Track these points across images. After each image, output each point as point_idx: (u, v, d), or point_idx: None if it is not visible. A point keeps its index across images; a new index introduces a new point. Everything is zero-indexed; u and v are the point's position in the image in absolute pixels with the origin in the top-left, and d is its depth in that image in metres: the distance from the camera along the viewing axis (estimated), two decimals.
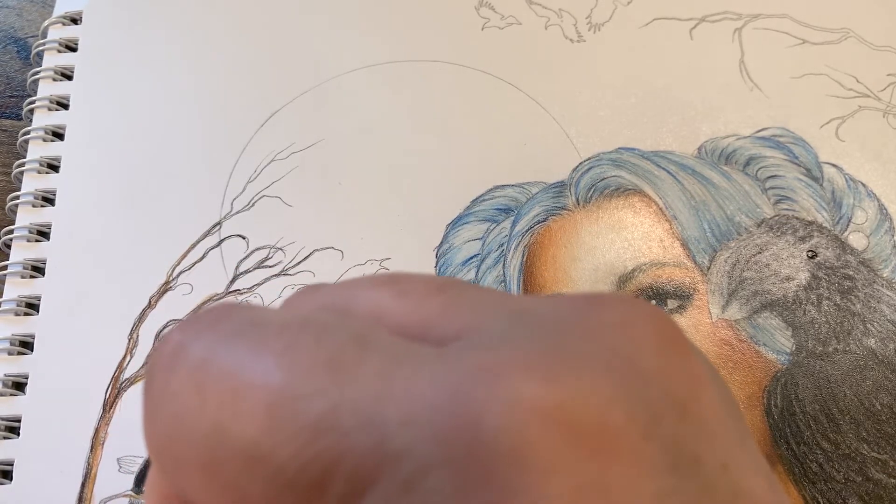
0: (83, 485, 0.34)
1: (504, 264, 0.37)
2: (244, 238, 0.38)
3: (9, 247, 0.38)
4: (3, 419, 0.35)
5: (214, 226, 0.38)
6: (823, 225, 0.37)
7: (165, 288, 0.37)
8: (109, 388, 0.35)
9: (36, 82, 0.42)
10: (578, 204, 0.37)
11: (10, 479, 0.34)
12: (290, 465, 0.10)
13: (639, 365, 0.11)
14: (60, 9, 0.44)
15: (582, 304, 0.12)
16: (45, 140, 0.40)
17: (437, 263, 0.37)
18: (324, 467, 0.10)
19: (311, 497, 0.10)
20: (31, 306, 0.37)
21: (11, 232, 0.38)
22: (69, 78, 0.42)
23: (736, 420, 0.12)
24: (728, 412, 0.12)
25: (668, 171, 0.38)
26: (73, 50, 0.42)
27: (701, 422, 0.11)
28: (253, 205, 0.38)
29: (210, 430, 0.11)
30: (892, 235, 0.37)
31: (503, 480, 0.09)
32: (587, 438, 0.10)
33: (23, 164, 0.40)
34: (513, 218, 0.38)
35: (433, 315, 0.12)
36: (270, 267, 0.37)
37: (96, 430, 0.35)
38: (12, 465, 0.34)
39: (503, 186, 0.38)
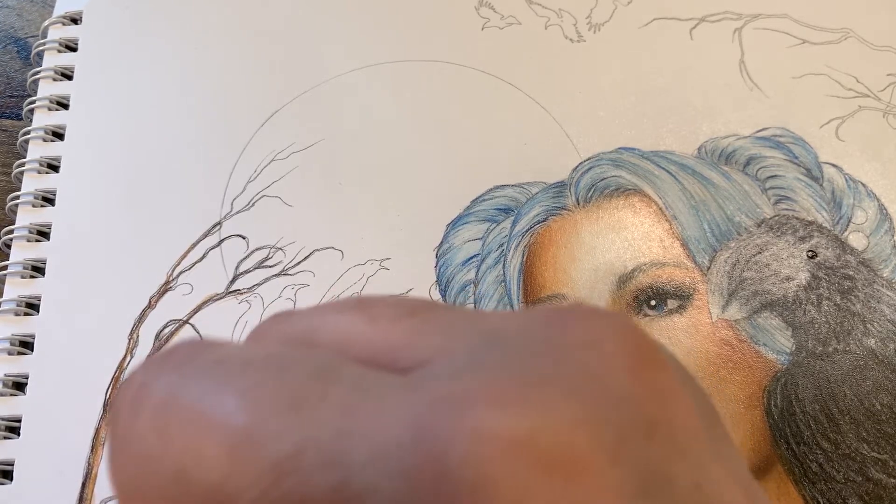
0: (83, 485, 0.34)
1: (504, 264, 0.37)
2: (244, 238, 0.38)
3: (9, 247, 0.38)
4: (3, 419, 0.35)
5: (214, 226, 0.38)
6: (823, 225, 0.37)
7: (165, 288, 0.37)
8: (109, 388, 0.35)
9: (36, 82, 0.42)
10: (578, 204, 0.37)
11: (10, 479, 0.34)
12: None
13: (607, 385, 0.11)
14: (60, 9, 0.44)
15: (552, 322, 0.12)
16: (45, 140, 0.40)
17: (437, 263, 0.37)
18: None
19: None
20: (31, 306, 0.37)
21: (11, 232, 0.38)
22: (69, 78, 0.42)
23: (712, 429, 0.12)
24: (704, 424, 0.12)
25: (668, 171, 0.38)
26: (73, 50, 0.42)
27: (672, 440, 0.11)
28: (253, 205, 0.38)
29: (174, 474, 0.11)
30: (892, 235, 0.37)
31: None
32: (553, 467, 0.10)
33: (23, 164, 0.40)
34: (513, 218, 0.38)
35: (402, 341, 0.12)
36: (270, 267, 0.37)
37: (97, 430, 0.35)
38: (12, 465, 0.34)
39: (503, 186, 0.38)
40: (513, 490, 0.09)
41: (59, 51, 0.42)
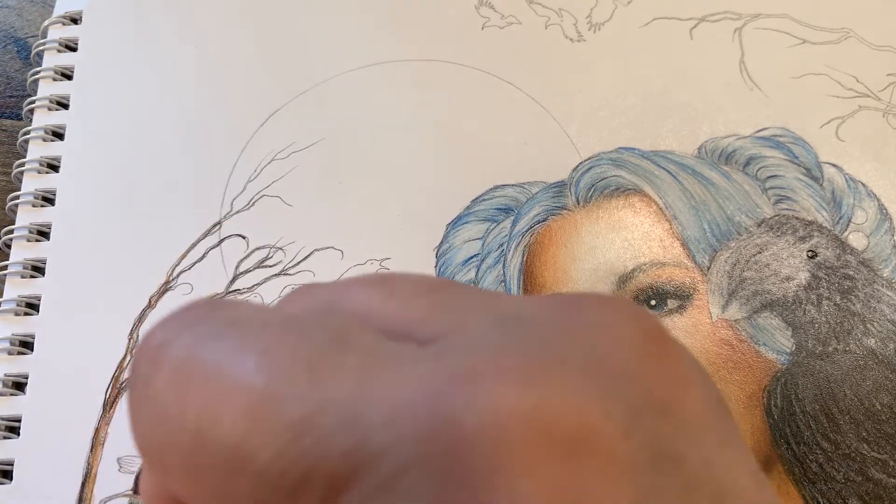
0: (83, 485, 0.34)
1: (504, 264, 0.37)
2: (244, 238, 0.38)
3: (9, 247, 0.38)
4: (3, 419, 0.35)
5: (214, 225, 0.38)
6: (823, 225, 0.37)
7: (165, 288, 0.37)
8: (109, 388, 0.35)
9: (36, 82, 0.42)
10: (578, 204, 0.37)
11: (10, 479, 0.34)
12: (271, 467, 0.10)
13: (619, 365, 0.11)
14: (60, 9, 0.44)
15: (566, 306, 0.12)
16: (45, 140, 0.40)
17: (437, 263, 0.37)
18: (304, 468, 0.10)
19: (293, 497, 0.10)
20: (31, 306, 0.37)
21: (11, 232, 0.38)
22: (69, 78, 0.42)
23: (722, 418, 0.12)
24: (714, 411, 0.12)
25: (668, 171, 0.38)
26: (73, 50, 0.42)
27: (683, 420, 0.11)
28: (253, 204, 0.38)
29: (192, 432, 0.11)
30: (892, 235, 0.37)
31: (480, 481, 0.09)
32: (564, 439, 0.10)
33: (23, 164, 0.40)
34: (513, 218, 0.38)
35: (419, 317, 0.12)
36: (270, 267, 0.37)
37: (96, 430, 0.35)
38: (12, 465, 0.34)
39: (503, 186, 0.38)
40: (522, 459, 0.10)
41: (59, 51, 0.42)
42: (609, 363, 0.11)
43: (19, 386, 0.36)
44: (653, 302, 0.35)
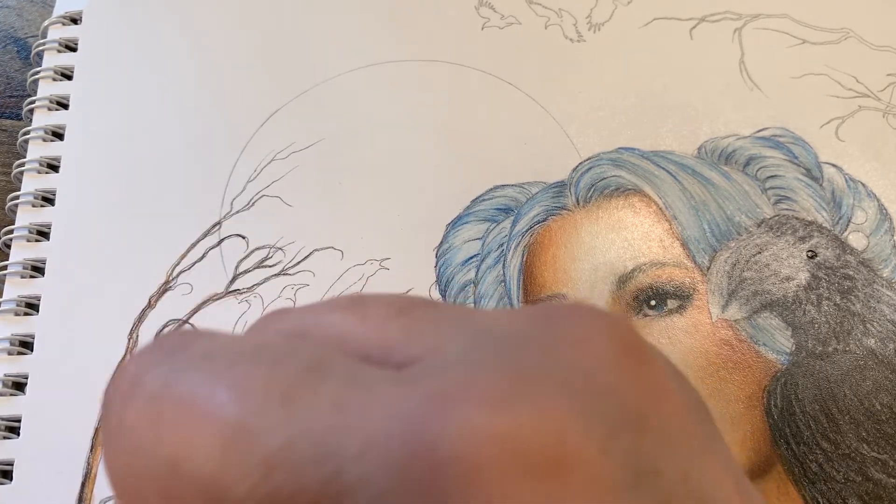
0: (83, 485, 0.34)
1: (504, 264, 0.37)
2: (244, 238, 0.38)
3: (9, 247, 0.38)
4: (3, 419, 0.35)
5: (214, 225, 0.38)
6: (823, 225, 0.37)
7: (165, 288, 0.37)
8: None
9: (36, 82, 0.42)
10: (578, 204, 0.37)
11: (10, 479, 0.34)
12: (246, 500, 0.10)
13: (594, 380, 0.11)
14: (60, 9, 0.44)
15: (540, 320, 0.12)
16: (45, 140, 0.40)
17: (437, 263, 0.37)
18: (279, 502, 0.10)
19: None
20: (31, 306, 0.37)
21: (11, 232, 0.38)
22: (69, 78, 0.42)
23: (702, 425, 0.12)
24: (693, 418, 0.12)
25: (668, 171, 0.38)
26: (73, 50, 0.42)
27: (661, 433, 0.11)
28: (253, 204, 0.38)
29: (166, 465, 0.11)
30: (892, 235, 0.37)
31: None
32: (540, 461, 0.10)
33: (23, 164, 0.40)
34: (513, 218, 0.38)
35: (393, 339, 0.12)
36: (270, 267, 0.37)
37: (96, 430, 0.35)
38: (12, 465, 0.34)
39: (503, 186, 0.38)
40: (498, 483, 0.09)
41: (59, 51, 0.42)
42: (585, 378, 0.11)
43: (19, 386, 0.36)
44: (652, 302, 0.35)
